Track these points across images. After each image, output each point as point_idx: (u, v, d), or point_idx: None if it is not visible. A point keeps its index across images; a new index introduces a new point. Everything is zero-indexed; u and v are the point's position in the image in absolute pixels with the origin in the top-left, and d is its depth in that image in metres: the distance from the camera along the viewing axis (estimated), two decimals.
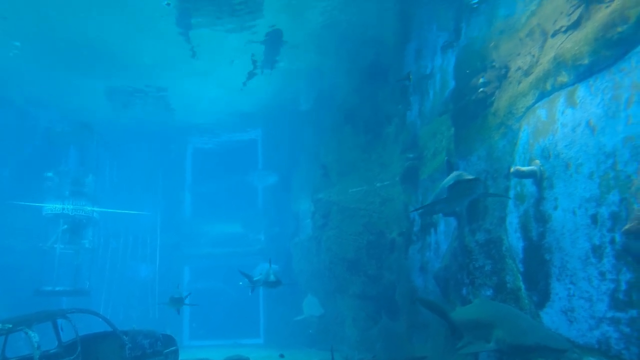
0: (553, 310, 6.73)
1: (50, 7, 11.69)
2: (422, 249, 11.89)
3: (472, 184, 6.66)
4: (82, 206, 17.66)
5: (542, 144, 7.14)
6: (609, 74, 5.99)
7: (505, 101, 8.24)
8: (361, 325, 14.54)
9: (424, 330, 11.51)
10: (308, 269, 17.54)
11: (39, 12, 11.97)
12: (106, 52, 13.90)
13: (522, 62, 8.16)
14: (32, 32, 12.95)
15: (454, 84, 10.62)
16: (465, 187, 6.72)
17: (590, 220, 6.14)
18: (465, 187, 6.71)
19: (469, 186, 6.69)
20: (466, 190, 6.78)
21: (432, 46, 12.48)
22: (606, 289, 5.84)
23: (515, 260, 7.65)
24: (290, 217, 20.85)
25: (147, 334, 9.16)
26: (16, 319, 7.10)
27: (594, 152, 6.12)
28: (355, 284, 14.79)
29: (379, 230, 14.69)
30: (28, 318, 7.19)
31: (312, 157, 18.85)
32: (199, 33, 12.78)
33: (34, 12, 12.03)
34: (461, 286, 9.08)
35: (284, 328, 18.74)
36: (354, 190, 15.50)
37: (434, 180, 11.44)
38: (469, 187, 6.72)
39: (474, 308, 6.95)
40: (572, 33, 6.96)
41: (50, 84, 16.07)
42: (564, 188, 6.64)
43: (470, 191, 6.82)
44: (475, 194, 6.98)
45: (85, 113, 18.41)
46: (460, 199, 7.19)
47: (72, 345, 8.01)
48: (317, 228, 16.97)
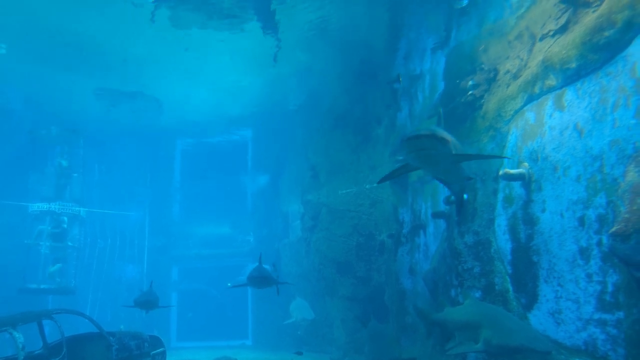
0: (541, 312, 6.78)
1: (36, 7, 11.57)
2: (411, 251, 11.92)
3: (423, 141, 5.27)
4: (68, 205, 17.51)
5: (531, 146, 7.20)
6: (596, 77, 6.06)
7: (494, 104, 8.30)
8: (350, 327, 14.53)
9: (412, 332, 11.54)
10: (297, 270, 17.51)
11: (25, 13, 11.83)
12: (94, 52, 13.78)
13: (511, 65, 8.23)
14: (18, 33, 12.80)
15: (443, 87, 10.68)
16: (417, 145, 5.32)
17: (577, 223, 6.19)
18: (417, 144, 5.31)
19: (420, 144, 5.30)
20: (421, 148, 5.35)
21: (422, 49, 12.53)
22: (593, 290, 5.90)
23: (503, 262, 7.69)
24: (279, 219, 20.80)
25: (134, 336, 9.08)
26: (0, 320, 6.99)
27: (581, 155, 6.19)
28: (344, 286, 14.80)
29: (369, 232, 14.71)
30: (13, 319, 7.09)
31: (301, 158, 18.83)
32: (189, 34, 12.72)
33: (20, 14, 11.89)
34: (450, 288, 9.11)
35: (273, 329, 18.68)
36: (344, 192, 15.51)
37: (423, 182, 11.47)
38: (421, 145, 5.31)
39: (463, 309, 6.98)
40: (560, 37, 7.03)
41: (36, 84, 15.89)
42: (552, 190, 6.69)
43: (427, 151, 5.38)
44: (437, 153, 5.45)
45: (73, 113, 18.24)
46: (422, 161, 5.74)
47: (58, 346, 7.91)
48: (306, 229, 16.95)
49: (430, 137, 5.30)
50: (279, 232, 20.47)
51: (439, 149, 5.41)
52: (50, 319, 7.67)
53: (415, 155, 5.50)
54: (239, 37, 12.91)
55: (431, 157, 5.57)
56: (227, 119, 19.60)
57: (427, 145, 5.35)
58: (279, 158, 21.04)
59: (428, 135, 5.30)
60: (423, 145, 5.35)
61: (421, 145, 5.35)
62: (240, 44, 13.30)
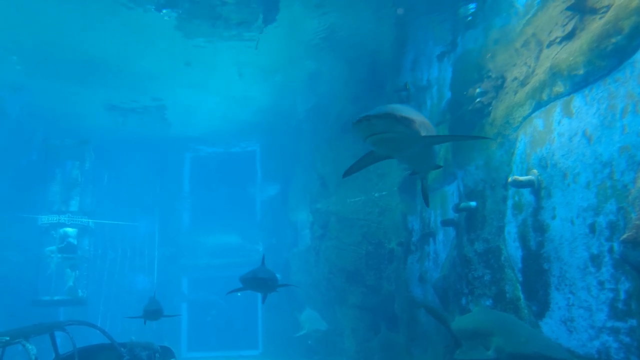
0: (552, 320, 6.73)
1: (47, 21, 11.77)
2: (421, 259, 11.88)
3: (375, 123, 4.41)
4: (78, 217, 17.65)
5: (540, 153, 7.18)
6: (604, 84, 6.05)
7: (502, 111, 8.30)
8: (360, 336, 14.47)
9: (423, 341, 11.47)
10: (307, 279, 17.49)
11: (36, 27, 12.04)
12: (104, 65, 13.97)
13: (518, 72, 8.23)
14: (30, 47, 13.02)
15: (450, 95, 10.69)
16: (369, 128, 4.47)
17: (588, 230, 6.16)
18: (368, 127, 4.46)
19: (372, 126, 4.44)
20: (374, 132, 4.49)
21: (429, 57, 12.57)
22: (605, 298, 5.85)
23: (514, 269, 7.65)
24: (288, 228, 20.82)
25: (145, 346, 9.12)
26: (14, 332, 7.06)
27: (590, 161, 6.16)
28: (354, 295, 14.75)
29: (378, 241, 14.67)
30: (26, 330, 7.15)
31: (309, 167, 18.88)
32: (197, 45, 12.85)
33: (32, 27, 12.10)
34: (460, 296, 9.07)
35: (282, 339, 18.63)
36: (352, 201, 15.50)
37: (432, 190, 11.45)
38: (374, 128, 4.45)
39: (473, 316, 6.93)
40: (567, 44, 7.03)
41: (48, 97, 16.12)
42: (562, 197, 6.67)
43: (385, 135, 4.51)
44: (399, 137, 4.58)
45: (83, 125, 18.45)
46: (385, 147, 4.84)
47: (70, 358, 7.96)
48: (315, 238, 16.95)
49: (385, 118, 4.43)
50: (288, 241, 20.48)
51: (400, 131, 4.53)
52: (63, 330, 7.73)
53: (372, 141, 4.58)
54: (247, 47, 13.03)
55: (394, 142, 4.67)
56: (235, 128, 19.72)
57: (381, 128, 4.48)
58: (288, 167, 21.11)
59: (381, 116, 4.42)
60: (376, 127, 4.47)
61: (374, 128, 4.48)
62: (248, 54, 13.41)
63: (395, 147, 4.93)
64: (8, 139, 18.19)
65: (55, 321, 8.51)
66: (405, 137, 4.64)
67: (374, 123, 4.43)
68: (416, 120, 4.71)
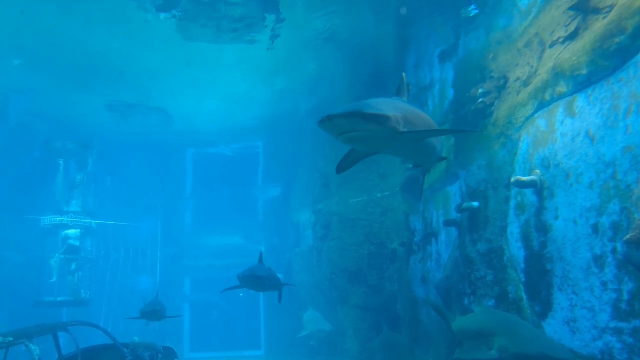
0: (555, 321, 6.72)
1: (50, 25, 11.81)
2: (424, 259, 11.87)
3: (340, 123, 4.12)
4: (80, 218, 17.69)
5: (542, 153, 7.17)
6: (607, 84, 6.04)
7: (504, 111, 8.29)
8: (363, 337, 14.46)
9: (425, 342, 11.46)
10: (309, 280, 17.49)
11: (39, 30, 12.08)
12: (106, 67, 14.00)
13: (520, 72, 8.22)
14: (32, 49, 13.06)
15: (453, 95, 10.68)
16: (335, 128, 4.19)
17: (591, 230, 6.15)
18: (334, 127, 4.18)
19: (337, 126, 4.16)
20: (342, 132, 4.22)
21: (431, 58, 12.56)
22: (608, 299, 5.83)
23: (517, 270, 7.64)
24: (290, 228, 20.83)
25: (148, 347, 9.14)
26: (17, 332, 7.07)
27: (593, 161, 6.15)
28: (356, 295, 14.75)
29: (380, 241, 14.67)
30: (29, 331, 7.17)
31: (312, 168, 18.88)
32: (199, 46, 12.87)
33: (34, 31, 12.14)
34: (463, 296, 9.06)
35: (285, 340, 18.64)
36: (355, 201, 15.50)
37: (434, 190, 11.45)
38: (340, 128, 4.18)
39: (476, 317, 6.93)
40: (570, 44, 7.02)
41: (50, 98, 16.16)
42: (565, 198, 6.65)
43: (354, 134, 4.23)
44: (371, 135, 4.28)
45: (85, 127, 18.50)
46: (360, 145, 4.60)
47: (73, 358, 7.98)
48: (318, 239, 16.95)
49: (350, 117, 4.13)
50: (291, 241, 20.48)
51: (370, 129, 4.22)
52: (66, 331, 7.74)
53: (343, 140, 4.35)
54: (249, 48, 13.04)
55: (366, 140, 4.40)
56: (238, 129, 19.74)
57: (348, 127, 4.19)
58: (290, 168, 21.12)
59: (346, 115, 4.12)
60: (342, 127, 4.19)
61: (340, 128, 4.20)
62: (250, 55, 13.42)
63: (371, 145, 4.67)
64: (11, 141, 18.24)
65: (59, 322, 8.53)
66: (378, 135, 4.33)
67: (338, 123, 4.15)
68: (392, 116, 4.32)
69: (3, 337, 6.78)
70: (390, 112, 4.36)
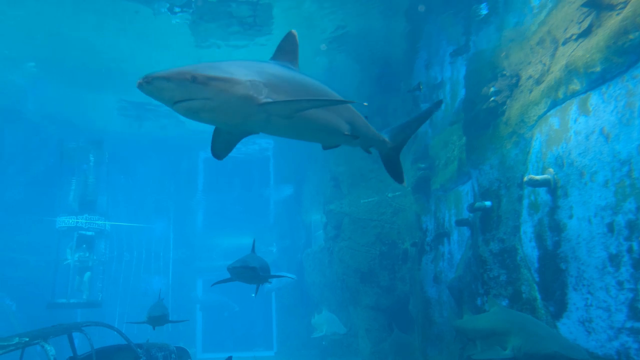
0: (570, 321, 6.64)
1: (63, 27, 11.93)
2: (435, 259, 11.82)
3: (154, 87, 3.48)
4: (94, 220, 17.85)
5: (556, 152, 7.10)
6: (621, 81, 5.96)
7: (516, 110, 8.22)
8: (375, 337, 14.43)
9: (438, 342, 11.40)
10: (321, 280, 17.49)
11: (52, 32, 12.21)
12: (118, 67, 14.11)
13: (533, 70, 8.15)
14: (46, 52, 13.21)
15: (464, 94, 10.62)
16: (151, 94, 3.56)
17: (606, 229, 6.07)
18: (150, 92, 3.54)
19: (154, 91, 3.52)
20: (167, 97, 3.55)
21: (442, 57, 12.50)
22: (624, 298, 5.76)
23: (530, 269, 7.57)
24: (301, 229, 20.85)
25: (161, 347, 9.19)
26: (33, 333, 7.15)
27: (608, 159, 6.08)
28: (368, 295, 14.72)
29: (392, 241, 14.64)
30: (44, 332, 7.25)
31: (323, 168, 18.89)
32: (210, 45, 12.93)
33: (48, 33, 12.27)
34: (476, 296, 9.00)
35: (297, 340, 18.65)
36: (366, 201, 15.48)
37: (446, 190, 11.40)
38: (157, 94, 3.53)
39: (489, 316, 6.88)
40: (583, 41, 6.94)
41: (63, 100, 16.32)
42: (579, 196, 6.58)
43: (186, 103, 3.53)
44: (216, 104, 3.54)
45: (98, 129, 18.66)
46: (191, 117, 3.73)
47: (88, 358, 8.05)
48: (329, 239, 16.95)
49: (176, 79, 3.35)
50: (302, 242, 20.50)
51: (211, 97, 3.43)
52: (80, 331, 7.81)
53: (179, 110, 3.55)
54: (259, 47, 13.07)
55: (214, 113, 3.57)
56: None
57: (181, 94, 3.41)
58: (301, 169, 21.14)
59: (169, 76, 3.37)
60: (170, 93, 3.43)
61: (168, 94, 3.45)
62: (261, 56, 13.45)
63: (224, 120, 3.76)
64: (25, 143, 18.47)
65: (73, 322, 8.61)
66: (227, 106, 3.53)
67: (162, 87, 3.40)
68: (244, 81, 3.51)
69: (19, 337, 6.87)
70: (243, 75, 3.54)
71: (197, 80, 3.39)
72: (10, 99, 15.99)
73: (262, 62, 4.23)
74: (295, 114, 3.85)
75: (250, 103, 3.56)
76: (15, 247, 18.45)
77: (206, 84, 3.41)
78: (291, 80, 4.07)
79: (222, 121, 3.84)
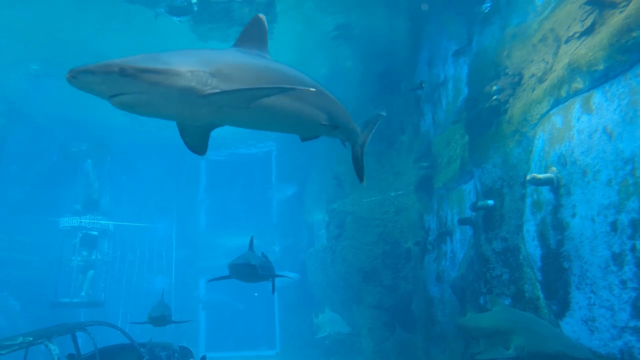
0: (573, 320, 6.63)
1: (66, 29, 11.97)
2: (438, 258, 11.81)
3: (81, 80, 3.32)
4: (97, 220, 17.89)
5: (558, 151, 7.09)
6: (625, 79, 5.94)
7: (519, 108, 8.21)
8: (377, 336, 14.43)
9: (441, 342, 11.39)
10: (323, 279, 17.49)
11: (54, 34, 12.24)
12: None
13: (535, 69, 8.13)
14: (48, 54, 13.24)
15: (467, 93, 10.60)
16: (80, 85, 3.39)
17: (609, 228, 6.05)
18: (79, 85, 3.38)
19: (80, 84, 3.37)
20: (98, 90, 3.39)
21: (444, 55, 12.48)
22: (628, 297, 5.74)
23: (533, 268, 7.56)
24: (304, 228, 20.85)
25: (164, 346, 9.19)
26: (36, 333, 7.17)
27: (611, 158, 6.06)
28: (371, 294, 14.72)
29: (394, 240, 14.63)
30: (48, 331, 7.27)
31: (325, 167, 18.88)
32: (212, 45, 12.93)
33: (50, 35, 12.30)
34: (478, 295, 8.99)
35: (300, 339, 18.66)
36: (368, 200, 15.47)
37: (448, 188, 11.38)
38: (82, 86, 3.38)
39: (492, 315, 6.87)
40: (586, 39, 6.92)
41: (66, 101, 16.34)
42: (582, 195, 6.56)
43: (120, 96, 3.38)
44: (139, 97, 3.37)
45: (101, 129, 18.68)
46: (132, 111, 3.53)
47: (91, 358, 8.07)
48: (331, 238, 16.95)
49: (102, 72, 3.16)
50: (304, 241, 20.51)
51: (146, 90, 3.22)
52: (84, 331, 7.83)
53: (116, 105, 3.41)
54: None
55: (154, 107, 3.37)
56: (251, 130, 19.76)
57: (111, 88, 3.24)
58: (303, 168, 21.13)
59: (95, 69, 3.17)
60: (100, 86, 3.25)
61: (99, 87, 3.27)
62: None
63: (171, 113, 3.56)
64: (29, 143, 18.51)
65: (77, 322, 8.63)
66: (167, 99, 3.30)
67: (87, 80, 3.22)
68: (185, 72, 3.28)
69: (23, 337, 6.88)
70: (183, 66, 3.31)
71: (126, 73, 3.14)
72: (13, 99, 16.04)
73: (219, 50, 4.02)
74: (249, 104, 3.60)
75: (192, 95, 3.32)
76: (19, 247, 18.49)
77: (136, 77, 3.16)
78: (249, 68, 3.78)
79: (167, 115, 3.59)
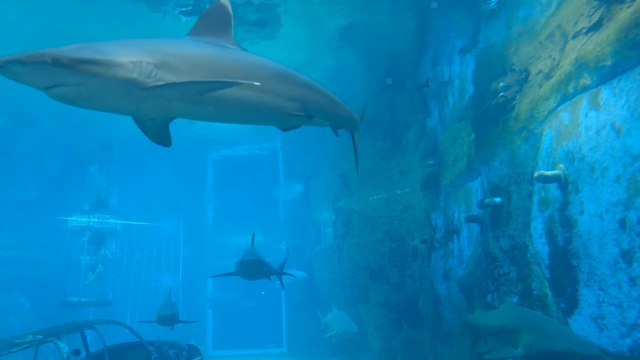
0: (582, 318, 6.60)
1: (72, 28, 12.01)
2: (445, 256, 11.78)
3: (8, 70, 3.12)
4: (105, 219, 18.00)
5: (566, 147, 7.04)
6: (633, 74, 5.89)
7: (526, 105, 8.16)
8: (384, 334, 14.43)
9: (448, 340, 11.37)
10: (330, 278, 17.51)
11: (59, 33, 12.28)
12: None
13: (542, 65, 8.08)
14: None
15: (473, 90, 10.55)
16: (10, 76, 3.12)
17: (618, 225, 6.01)
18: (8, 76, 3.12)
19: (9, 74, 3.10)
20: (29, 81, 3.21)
21: (450, 53, 12.43)
22: (637, 295, 5.70)
23: (541, 266, 7.53)
24: (311, 227, 20.88)
25: (172, 345, 9.25)
26: (46, 331, 7.24)
27: (620, 154, 6.01)
28: (378, 293, 14.72)
29: (401, 238, 14.61)
30: (57, 329, 7.33)
31: (332, 166, 18.88)
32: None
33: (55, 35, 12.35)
34: (486, 293, 8.96)
35: (307, 337, 18.69)
36: (375, 198, 15.46)
37: (455, 186, 11.35)
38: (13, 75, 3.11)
39: (500, 313, 6.85)
40: (594, 34, 6.87)
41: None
42: (590, 192, 6.52)
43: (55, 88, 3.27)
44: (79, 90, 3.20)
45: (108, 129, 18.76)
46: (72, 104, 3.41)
47: (100, 356, 8.13)
48: (338, 237, 16.96)
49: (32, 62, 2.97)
50: (311, 240, 20.53)
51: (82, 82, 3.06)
52: (93, 329, 7.89)
53: (52, 96, 3.22)
54: (268, 46, 13.07)
55: (94, 99, 3.24)
56: (257, 129, 19.78)
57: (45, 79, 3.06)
58: (310, 167, 21.14)
59: (25, 60, 2.98)
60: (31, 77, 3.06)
61: (31, 78, 3.08)
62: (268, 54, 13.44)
63: (114, 106, 3.39)
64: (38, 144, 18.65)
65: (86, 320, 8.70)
66: (107, 91, 3.13)
67: (16, 72, 2.98)
68: (124, 63, 3.08)
69: (33, 335, 6.95)
70: (123, 56, 3.10)
71: (60, 63, 2.95)
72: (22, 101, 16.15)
73: (170, 39, 3.80)
74: (199, 97, 3.42)
75: (134, 88, 3.14)
76: (29, 246, 18.68)
77: (73, 68, 2.98)
78: (200, 58, 3.55)
79: (112, 109, 3.44)
